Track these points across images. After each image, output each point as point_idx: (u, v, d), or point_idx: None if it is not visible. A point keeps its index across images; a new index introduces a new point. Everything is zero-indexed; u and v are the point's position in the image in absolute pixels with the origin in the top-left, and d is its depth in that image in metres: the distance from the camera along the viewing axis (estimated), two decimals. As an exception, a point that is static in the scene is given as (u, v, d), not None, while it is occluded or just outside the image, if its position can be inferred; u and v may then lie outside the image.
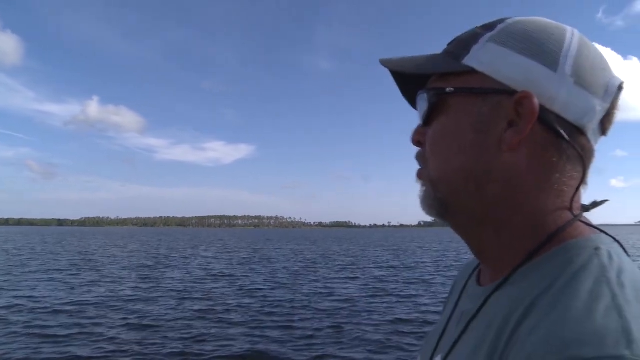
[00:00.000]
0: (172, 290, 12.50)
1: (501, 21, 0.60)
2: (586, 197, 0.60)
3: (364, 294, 11.87)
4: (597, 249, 0.50)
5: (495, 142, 0.55)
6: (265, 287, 13.20)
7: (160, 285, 13.66)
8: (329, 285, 13.74)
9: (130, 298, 11.22)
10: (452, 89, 0.59)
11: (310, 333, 7.70)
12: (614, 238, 0.54)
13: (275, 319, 8.83)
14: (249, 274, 16.77)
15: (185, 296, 11.53)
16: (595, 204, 0.60)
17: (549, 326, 0.42)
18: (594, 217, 0.58)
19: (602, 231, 0.55)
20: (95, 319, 8.71)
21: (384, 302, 10.65)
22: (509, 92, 0.55)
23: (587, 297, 0.43)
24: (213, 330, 7.85)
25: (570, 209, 0.56)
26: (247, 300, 10.89)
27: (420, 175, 0.64)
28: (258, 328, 8.07)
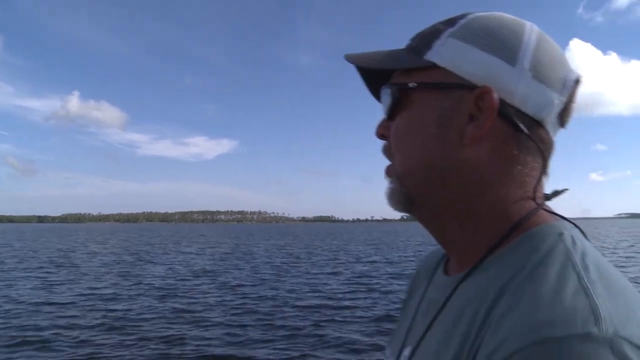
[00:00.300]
0: (152, 288, 12.31)
1: (462, 17, 0.61)
2: (569, 195, 0.63)
3: (347, 290, 11.82)
4: (560, 234, 0.52)
5: (457, 136, 0.57)
6: (246, 284, 13.08)
7: (140, 283, 13.45)
8: (311, 281, 13.67)
9: (109, 297, 11.01)
10: (415, 84, 0.59)
11: (291, 332, 7.62)
12: (574, 224, 0.57)
13: (256, 317, 8.73)
14: (231, 271, 16.64)
15: (165, 294, 11.36)
16: (556, 193, 0.62)
17: (520, 310, 0.43)
18: (575, 210, 0.62)
19: (564, 218, 0.57)
20: (71, 319, 8.50)
21: (367, 298, 10.61)
22: (469, 86, 0.56)
23: (555, 280, 0.45)
24: (193, 330, 7.72)
25: (534, 198, 0.58)
26: (228, 298, 10.77)
27: (388, 171, 0.65)
28: (239, 327, 7.97)
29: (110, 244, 37.47)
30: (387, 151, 0.65)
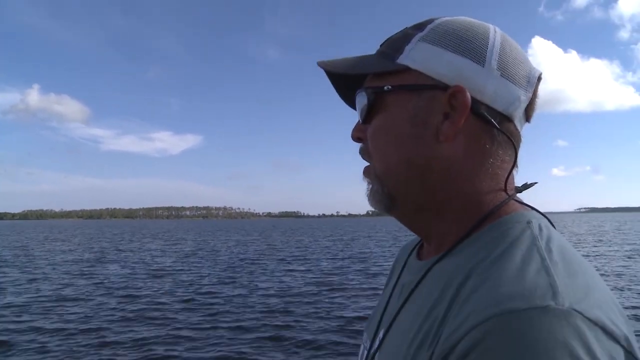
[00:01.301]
0: (111, 288, 11.87)
1: (430, 21, 0.64)
2: (530, 190, 0.66)
3: (313, 289, 11.70)
4: (528, 222, 0.56)
5: (432, 134, 0.60)
6: (209, 283, 12.80)
7: (99, 283, 12.96)
8: (276, 279, 13.49)
9: (66, 298, 10.52)
10: (390, 87, 0.62)
11: (256, 335, 7.42)
12: (542, 214, 0.61)
13: (220, 318, 8.50)
14: (193, 270, 16.23)
15: (124, 294, 10.94)
16: (526, 186, 0.65)
17: (485, 288, 0.47)
18: (536, 205, 0.63)
19: (533, 208, 0.62)
20: (24, 323, 8.04)
21: (335, 296, 10.52)
22: (442, 87, 0.59)
23: (520, 261, 0.49)
24: (154, 333, 7.43)
25: (505, 190, 0.62)
26: (191, 297, 10.46)
27: (366, 172, 0.68)
28: (201, 329, 7.72)
29: (72, 241, 36.21)
30: (364, 153, 0.68)
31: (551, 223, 0.59)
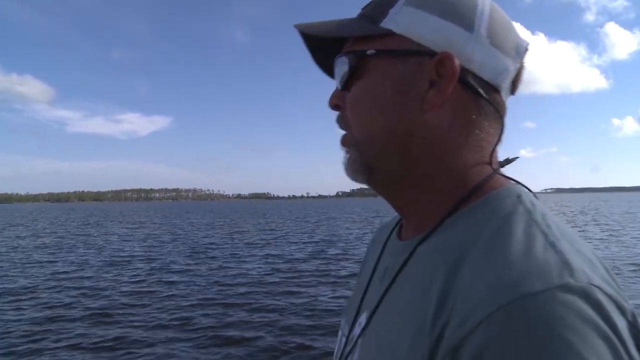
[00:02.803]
0: (66, 280, 10.95)
1: None
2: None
3: (284, 274, 11.07)
4: (519, 196, 0.54)
5: (417, 101, 0.57)
6: (174, 271, 12.00)
7: (52, 273, 12.01)
8: (244, 266, 12.80)
9: (20, 290, 9.60)
10: (374, 51, 0.59)
11: (227, 332, 6.77)
12: (528, 188, 0.58)
13: (183, 314, 7.82)
14: (159, 257, 15.34)
15: (82, 285, 10.08)
16: (508, 160, 0.63)
17: (492, 268, 0.44)
18: None
19: (518, 182, 0.59)
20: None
21: (306, 281, 9.92)
22: (429, 53, 0.56)
23: (523, 238, 0.46)
24: (111, 332, 6.71)
25: (490, 163, 0.59)
26: (153, 289, 9.71)
27: (344, 141, 0.64)
28: (164, 327, 7.03)
29: (36, 226, 34.65)
30: (342, 121, 0.64)
31: (535, 196, 0.57)
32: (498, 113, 0.58)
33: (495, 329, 0.39)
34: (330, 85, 0.66)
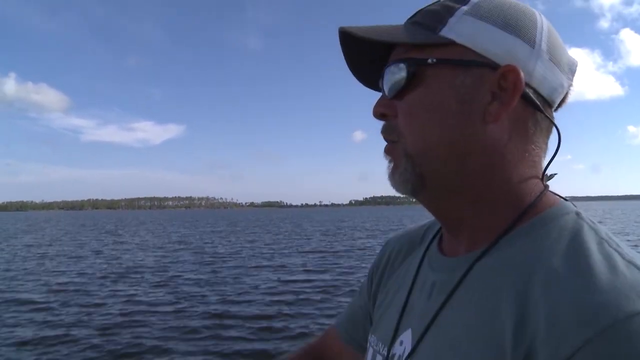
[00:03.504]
0: (66, 291, 10.38)
1: None
2: None
3: (313, 291, 10.39)
4: (577, 214, 0.54)
5: (479, 114, 0.55)
6: (186, 284, 11.37)
7: (52, 284, 11.44)
8: (256, 277, 12.17)
9: (22, 302, 9.03)
10: (435, 60, 0.56)
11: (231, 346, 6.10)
12: (574, 204, 0.58)
13: (192, 324, 7.17)
14: (169, 266, 14.77)
15: (91, 293, 9.46)
16: (551, 176, 0.63)
17: (583, 292, 0.43)
18: None
19: (564, 199, 0.59)
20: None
21: (333, 300, 9.25)
22: (491, 65, 0.55)
23: (601, 257, 0.45)
24: (123, 340, 6.07)
25: (542, 179, 0.59)
26: (163, 299, 9.09)
27: (390, 151, 0.62)
28: (173, 338, 6.37)
29: (47, 233, 34.38)
30: (390, 131, 0.61)
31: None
32: (553, 128, 0.58)
33: (601, 351, 0.38)
34: (338, 94, 0.55)
